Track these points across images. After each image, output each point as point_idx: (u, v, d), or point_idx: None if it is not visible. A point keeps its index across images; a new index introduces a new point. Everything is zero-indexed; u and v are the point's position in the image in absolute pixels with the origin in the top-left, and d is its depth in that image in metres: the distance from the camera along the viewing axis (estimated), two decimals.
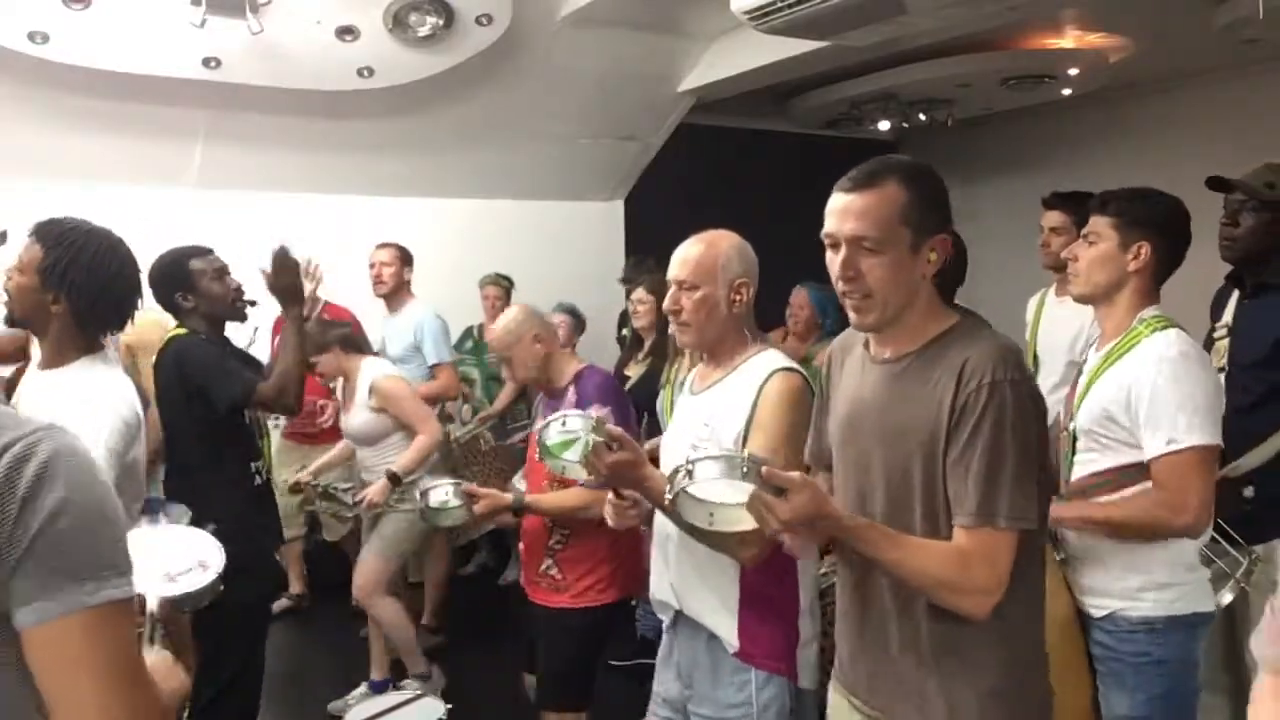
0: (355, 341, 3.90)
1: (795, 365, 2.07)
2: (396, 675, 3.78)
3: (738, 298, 2.10)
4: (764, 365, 2.05)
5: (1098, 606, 2.12)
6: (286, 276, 2.92)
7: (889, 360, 1.63)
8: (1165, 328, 2.08)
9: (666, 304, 2.15)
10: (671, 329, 2.22)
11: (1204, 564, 2.16)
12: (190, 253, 2.89)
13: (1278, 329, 2.49)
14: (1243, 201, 2.53)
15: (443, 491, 2.80)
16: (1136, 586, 2.07)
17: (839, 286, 1.60)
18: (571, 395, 2.74)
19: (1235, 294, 2.68)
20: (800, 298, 4.57)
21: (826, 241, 1.60)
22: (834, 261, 1.58)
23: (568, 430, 2.03)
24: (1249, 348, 2.08)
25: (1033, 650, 1.62)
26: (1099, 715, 2.13)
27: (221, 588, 1.74)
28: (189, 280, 2.85)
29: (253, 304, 2.99)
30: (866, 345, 1.70)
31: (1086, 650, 2.15)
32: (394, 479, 3.55)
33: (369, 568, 3.74)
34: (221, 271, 2.91)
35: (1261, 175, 2.53)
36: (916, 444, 1.54)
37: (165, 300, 2.89)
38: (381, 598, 3.73)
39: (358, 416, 3.74)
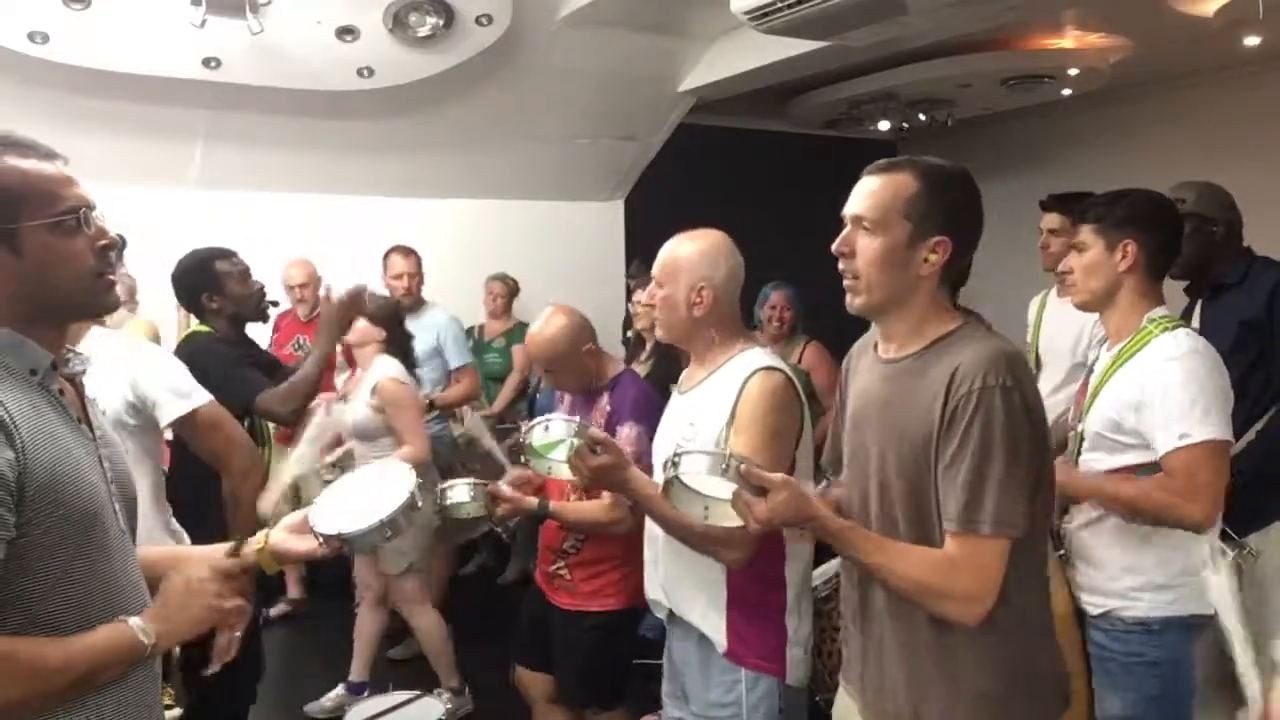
0: (394, 327, 3.73)
1: (779, 364, 2.05)
2: (426, 685, 3.71)
3: (698, 301, 2.08)
4: (745, 365, 2.04)
5: (1094, 605, 2.12)
6: (350, 313, 3.07)
7: (892, 360, 1.63)
8: (1175, 327, 2.10)
9: (645, 298, 2.18)
10: None
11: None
12: (215, 254, 2.96)
13: (1240, 313, 2.73)
14: None
15: (463, 491, 2.69)
16: (1134, 586, 2.06)
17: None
18: (605, 401, 2.63)
19: (1199, 303, 2.88)
20: (781, 298, 4.13)
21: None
22: None
23: (551, 434, 2.04)
24: (1219, 340, 2.14)
25: (1031, 659, 1.58)
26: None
27: (389, 535, 1.66)
28: (215, 282, 2.92)
29: (274, 304, 3.06)
30: (876, 347, 1.70)
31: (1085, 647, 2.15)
32: None
33: (395, 588, 3.71)
34: (245, 274, 2.98)
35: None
36: (909, 447, 1.53)
37: (190, 301, 2.96)
38: (423, 609, 3.71)
39: (358, 410, 3.63)
